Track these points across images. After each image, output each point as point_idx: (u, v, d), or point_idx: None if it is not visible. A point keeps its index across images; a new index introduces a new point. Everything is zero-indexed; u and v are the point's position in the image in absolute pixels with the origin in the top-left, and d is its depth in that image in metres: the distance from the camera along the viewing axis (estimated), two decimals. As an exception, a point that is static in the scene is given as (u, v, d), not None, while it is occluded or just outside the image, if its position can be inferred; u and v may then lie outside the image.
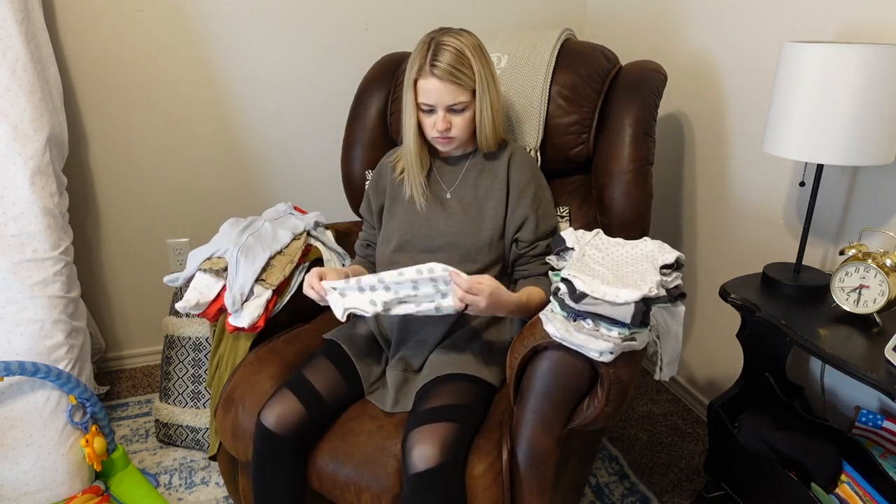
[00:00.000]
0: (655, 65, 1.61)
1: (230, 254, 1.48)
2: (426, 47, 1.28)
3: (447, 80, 1.27)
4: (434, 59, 1.26)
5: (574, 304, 1.07)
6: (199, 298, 1.45)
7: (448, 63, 1.26)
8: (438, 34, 1.30)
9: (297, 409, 1.22)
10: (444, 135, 1.33)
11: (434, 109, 1.31)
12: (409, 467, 1.11)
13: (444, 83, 1.27)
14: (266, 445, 1.22)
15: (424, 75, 1.28)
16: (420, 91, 1.30)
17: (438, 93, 1.28)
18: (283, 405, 1.23)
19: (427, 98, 1.29)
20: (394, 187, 1.46)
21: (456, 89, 1.28)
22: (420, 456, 1.10)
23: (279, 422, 1.21)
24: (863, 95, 1.18)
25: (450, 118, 1.31)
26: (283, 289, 1.50)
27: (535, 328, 1.15)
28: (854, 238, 1.45)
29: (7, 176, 1.63)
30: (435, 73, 1.26)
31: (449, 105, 1.29)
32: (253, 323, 1.42)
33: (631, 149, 1.51)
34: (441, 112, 1.30)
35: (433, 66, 1.26)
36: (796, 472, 1.33)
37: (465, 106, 1.31)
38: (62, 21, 1.91)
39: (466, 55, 1.28)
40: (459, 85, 1.28)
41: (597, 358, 1.06)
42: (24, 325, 1.58)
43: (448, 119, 1.31)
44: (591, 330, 1.06)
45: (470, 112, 1.32)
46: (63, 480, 1.56)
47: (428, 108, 1.31)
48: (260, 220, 1.61)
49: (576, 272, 1.12)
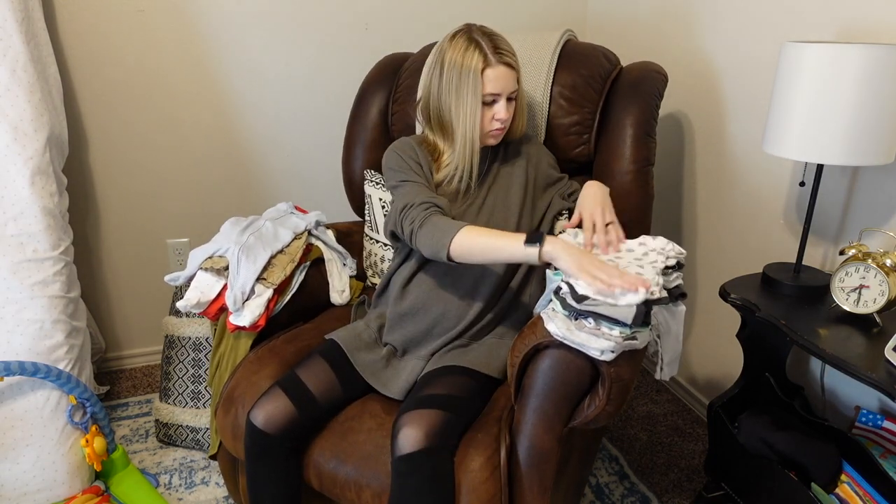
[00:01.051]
0: (656, 66, 1.61)
1: (231, 253, 1.48)
2: (473, 41, 1.30)
3: (514, 65, 1.31)
4: (497, 47, 1.29)
5: (576, 304, 1.07)
6: (200, 297, 1.45)
7: (507, 49, 1.30)
8: (474, 27, 1.33)
9: (287, 409, 1.22)
10: (504, 124, 1.34)
11: (497, 99, 1.31)
12: (396, 449, 1.12)
13: (510, 70, 1.30)
14: (256, 444, 1.22)
15: (492, 63, 1.28)
16: (488, 80, 1.29)
17: (506, 80, 1.29)
18: (273, 404, 1.22)
19: (495, 87, 1.29)
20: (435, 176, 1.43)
21: (516, 76, 1.32)
22: (405, 438, 1.11)
23: (268, 421, 1.21)
24: (863, 95, 1.18)
25: (509, 107, 1.34)
26: (284, 288, 1.50)
27: (536, 327, 1.15)
28: (854, 238, 1.45)
29: (7, 176, 1.63)
30: (503, 60, 1.28)
31: (511, 92, 1.32)
32: (254, 322, 1.42)
33: (632, 149, 1.52)
34: (503, 101, 1.32)
35: (500, 52, 1.28)
36: (796, 472, 1.33)
37: (517, 95, 1.35)
38: (62, 21, 1.91)
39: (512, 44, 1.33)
40: (517, 71, 1.32)
41: (598, 356, 1.07)
42: (24, 325, 1.58)
43: (510, 108, 1.34)
44: (593, 329, 1.06)
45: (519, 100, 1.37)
46: (63, 480, 1.56)
47: (491, 98, 1.31)
48: (261, 219, 1.61)
49: None
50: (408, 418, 1.13)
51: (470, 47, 1.29)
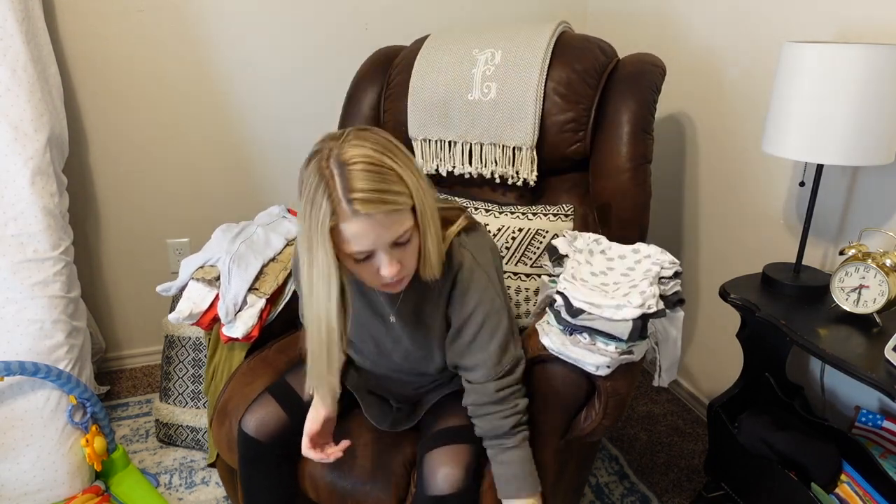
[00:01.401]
0: (653, 58, 1.58)
1: (222, 262, 1.46)
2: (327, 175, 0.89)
3: (382, 210, 0.90)
4: (360, 189, 0.88)
5: (570, 319, 1.06)
6: (192, 309, 1.44)
7: (373, 189, 0.89)
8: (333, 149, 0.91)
9: (278, 415, 1.20)
10: (396, 277, 0.97)
11: (372, 254, 0.95)
12: (430, 488, 1.08)
13: (380, 216, 0.90)
14: (248, 451, 1.21)
15: (345, 217, 0.89)
16: (347, 239, 0.91)
17: (378, 230, 0.91)
18: (264, 411, 1.21)
19: (361, 244, 0.92)
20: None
21: (396, 217, 0.92)
22: (445, 479, 1.07)
23: (259, 427, 1.19)
24: (863, 95, 1.18)
25: (399, 256, 0.96)
26: (277, 297, 1.48)
27: (531, 340, 1.14)
28: (854, 238, 1.45)
29: (7, 176, 1.63)
30: (366, 207, 0.88)
31: (392, 241, 0.93)
32: (247, 333, 1.41)
33: (629, 147, 1.50)
34: (384, 255, 0.94)
35: (363, 199, 0.88)
36: (796, 472, 1.32)
37: (411, 233, 0.96)
38: (62, 21, 1.91)
39: (388, 164, 0.91)
40: (397, 210, 0.92)
41: (594, 372, 1.05)
42: (24, 325, 1.58)
43: (396, 257, 0.95)
44: (588, 344, 1.05)
45: (416, 238, 0.98)
46: (63, 480, 1.56)
47: (364, 255, 0.94)
48: (252, 225, 1.59)
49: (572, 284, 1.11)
50: (444, 456, 1.09)
51: (314, 196, 0.90)
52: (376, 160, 0.90)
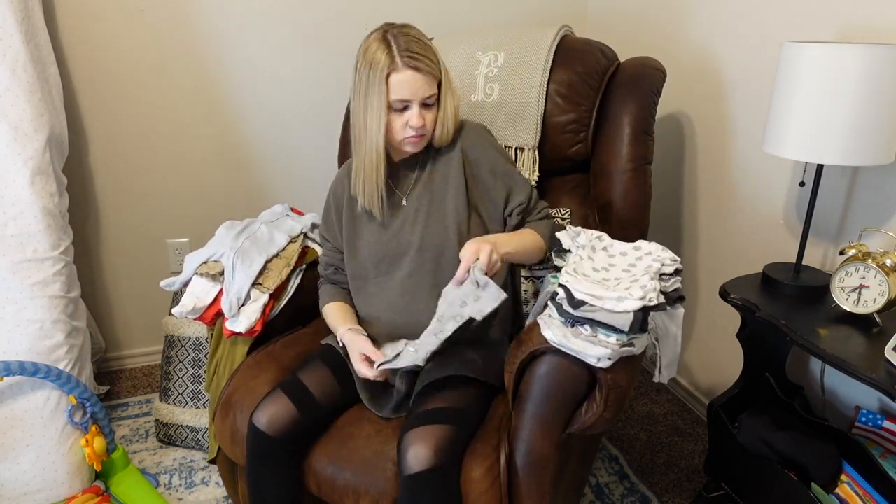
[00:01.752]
0: (654, 61, 1.60)
1: (226, 258, 1.47)
2: (384, 42, 1.20)
3: (424, 69, 1.20)
4: (405, 51, 1.19)
5: (572, 311, 1.07)
6: (195, 303, 1.44)
7: (420, 52, 1.20)
8: (390, 28, 1.23)
9: (290, 411, 1.21)
10: (419, 132, 1.24)
11: (408, 106, 1.22)
12: (404, 468, 1.10)
13: (420, 74, 1.20)
14: (258, 447, 1.21)
15: (398, 68, 1.18)
16: (393, 87, 1.19)
17: (416, 85, 1.20)
18: (276, 406, 1.22)
19: (402, 93, 1.20)
20: (352, 206, 1.38)
21: (430, 80, 1.22)
22: (415, 457, 1.09)
23: (271, 423, 1.20)
24: (863, 95, 1.18)
25: (424, 113, 1.24)
26: (280, 292, 1.49)
27: (533, 333, 1.14)
28: (854, 238, 1.45)
29: (7, 176, 1.63)
30: (410, 65, 1.18)
31: (424, 98, 1.22)
32: (250, 327, 1.41)
33: (629, 148, 1.51)
34: (416, 107, 1.22)
35: (407, 57, 1.19)
36: (796, 472, 1.33)
37: (436, 99, 1.25)
38: (62, 21, 1.91)
39: (428, 43, 1.23)
40: (432, 75, 1.22)
41: (595, 363, 1.06)
42: (24, 325, 1.58)
43: (423, 114, 1.24)
44: (589, 336, 1.05)
45: (436, 105, 1.27)
46: (63, 480, 1.56)
47: (402, 104, 1.22)
48: (256, 222, 1.60)
49: (573, 277, 1.12)
50: (415, 436, 1.12)
51: (377, 52, 1.19)
52: (420, 38, 1.23)
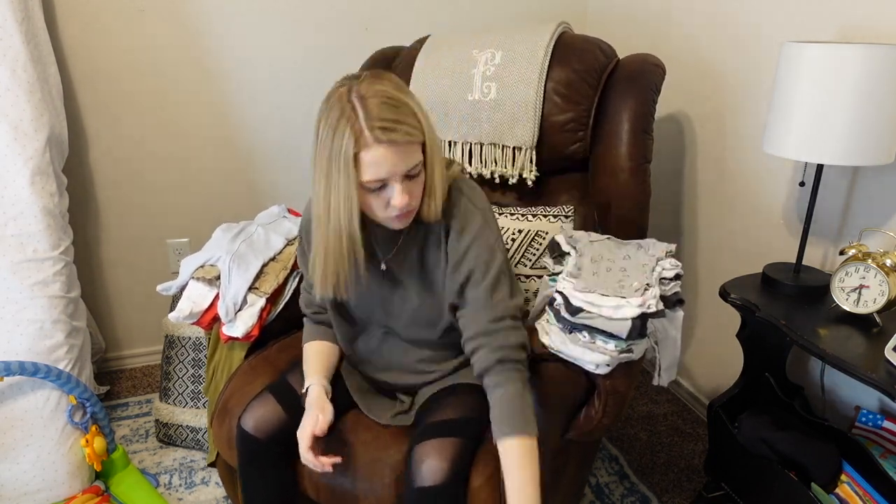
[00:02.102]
0: (653, 58, 1.58)
1: (222, 262, 1.46)
2: (349, 107, 0.98)
3: (402, 141, 0.98)
4: (377, 120, 0.97)
5: (570, 317, 1.06)
6: (192, 308, 1.44)
7: (394, 118, 0.98)
8: (353, 85, 1.01)
9: (277, 413, 1.20)
10: (403, 210, 1.03)
11: (385, 184, 1.01)
12: (416, 480, 1.08)
13: (398, 146, 0.98)
14: (247, 449, 1.21)
15: (366, 144, 0.97)
16: (365, 166, 0.98)
17: (393, 161, 0.98)
18: (263, 408, 1.21)
19: (377, 173, 0.98)
20: None
21: (411, 149, 1.00)
22: (429, 470, 1.07)
23: (258, 425, 1.19)
24: (863, 95, 1.18)
25: (410, 187, 1.03)
26: (278, 296, 1.48)
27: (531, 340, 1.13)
28: (854, 238, 1.45)
29: (7, 176, 1.63)
30: (383, 139, 0.97)
31: (406, 172, 1.01)
32: (247, 332, 1.41)
33: (628, 147, 1.50)
34: (398, 184, 1.01)
35: (379, 129, 0.96)
36: (796, 472, 1.33)
37: (421, 167, 1.04)
38: (62, 21, 1.91)
39: (404, 99, 1.01)
40: (413, 143, 1.01)
41: (593, 370, 1.06)
42: (24, 325, 1.58)
43: (408, 189, 1.02)
44: (588, 342, 1.05)
45: (422, 174, 1.05)
46: (63, 480, 1.56)
47: (378, 184, 1.01)
48: (253, 224, 1.59)
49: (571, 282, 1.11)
50: (430, 448, 1.10)
51: (342, 118, 0.98)
52: (394, 95, 1.00)
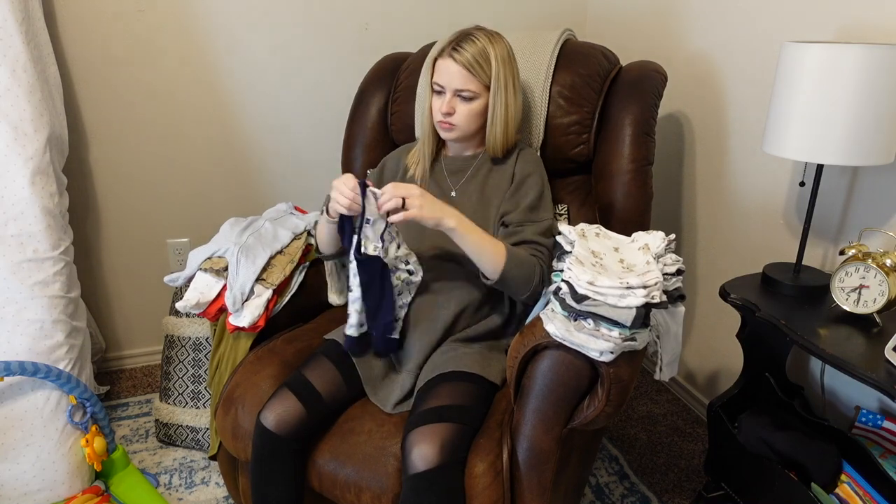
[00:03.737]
0: (655, 65, 1.61)
1: (231, 253, 1.48)
2: (455, 34, 1.32)
3: (462, 64, 1.29)
4: (457, 44, 1.30)
5: (575, 305, 1.07)
6: (199, 298, 1.45)
7: (468, 51, 1.29)
8: (472, 28, 1.34)
9: (297, 410, 1.22)
10: (446, 119, 1.33)
11: (444, 91, 1.32)
12: (409, 467, 1.10)
13: (458, 66, 1.29)
14: (265, 446, 1.22)
15: (443, 56, 1.31)
16: (436, 70, 1.32)
17: (450, 74, 1.30)
18: (283, 405, 1.22)
19: (440, 77, 1.32)
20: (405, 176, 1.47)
21: (468, 76, 1.29)
22: (419, 456, 1.10)
23: (279, 422, 1.21)
24: (863, 95, 1.18)
25: (455, 103, 1.32)
26: (284, 288, 1.50)
27: (535, 327, 1.15)
28: (854, 238, 1.45)
29: (7, 176, 1.63)
30: (452, 56, 1.29)
31: (457, 89, 1.30)
32: (253, 322, 1.42)
33: (631, 149, 1.52)
34: (449, 95, 1.31)
35: (454, 49, 1.30)
36: (796, 472, 1.33)
37: (474, 96, 1.32)
38: (62, 21, 1.91)
39: (488, 52, 1.30)
40: (472, 74, 1.30)
41: (597, 357, 1.07)
42: (24, 325, 1.58)
43: (453, 103, 1.32)
44: (592, 330, 1.06)
45: (478, 104, 1.33)
46: (63, 480, 1.56)
47: (439, 88, 1.33)
48: (260, 219, 1.61)
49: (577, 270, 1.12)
50: (420, 435, 1.12)
51: (442, 40, 1.33)
52: (484, 46, 1.31)
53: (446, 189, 1.43)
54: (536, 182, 1.39)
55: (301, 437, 1.22)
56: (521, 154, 1.43)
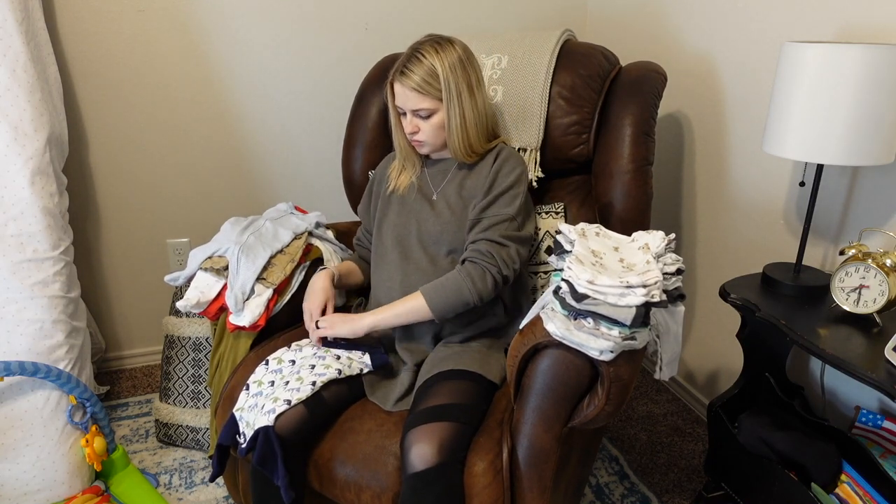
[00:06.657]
0: (655, 65, 1.61)
1: (231, 252, 1.48)
2: (405, 53, 1.34)
3: (410, 87, 1.31)
4: (404, 66, 1.32)
5: (575, 304, 1.07)
6: (199, 297, 1.45)
7: (415, 72, 1.31)
8: (422, 42, 1.34)
9: (300, 412, 1.22)
10: (412, 137, 1.38)
11: (405, 112, 1.36)
12: (408, 467, 1.11)
13: (406, 89, 1.32)
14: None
15: (395, 79, 1.34)
16: (394, 93, 1.36)
17: (405, 97, 1.33)
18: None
19: (397, 100, 1.36)
20: (387, 187, 1.50)
21: (419, 96, 1.32)
22: (418, 455, 1.10)
23: (283, 424, 1.20)
24: (863, 95, 1.18)
25: (417, 122, 1.36)
26: (284, 288, 1.50)
27: (535, 326, 1.15)
28: (854, 238, 1.45)
29: (7, 176, 1.63)
30: (400, 80, 1.33)
31: (413, 110, 1.34)
32: (254, 322, 1.42)
33: (631, 149, 1.52)
34: (409, 115, 1.36)
35: (401, 73, 1.32)
36: (796, 472, 1.33)
37: (431, 112, 1.34)
38: (62, 21, 1.91)
39: (435, 68, 1.31)
40: (423, 94, 1.32)
41: (597, 356, 1.07)
42: (24, 325, 1.58)
43: (415, 123, 1.36)
44: (592, 328, 1.06)
45: (438, 118, 1.35)
46: (63, 480, 1.56)
47: (400, 110, 1.37)
48: (261, 219, 1.61)
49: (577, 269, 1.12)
50: (418, 434, 1.12)
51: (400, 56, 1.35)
52: (431, 63, 1.31)
53: (428, 194, 1.45)
54: (507, 177, 1.38)
55: (303, 438, 1.22)
56: (501, 154, 1.43)
